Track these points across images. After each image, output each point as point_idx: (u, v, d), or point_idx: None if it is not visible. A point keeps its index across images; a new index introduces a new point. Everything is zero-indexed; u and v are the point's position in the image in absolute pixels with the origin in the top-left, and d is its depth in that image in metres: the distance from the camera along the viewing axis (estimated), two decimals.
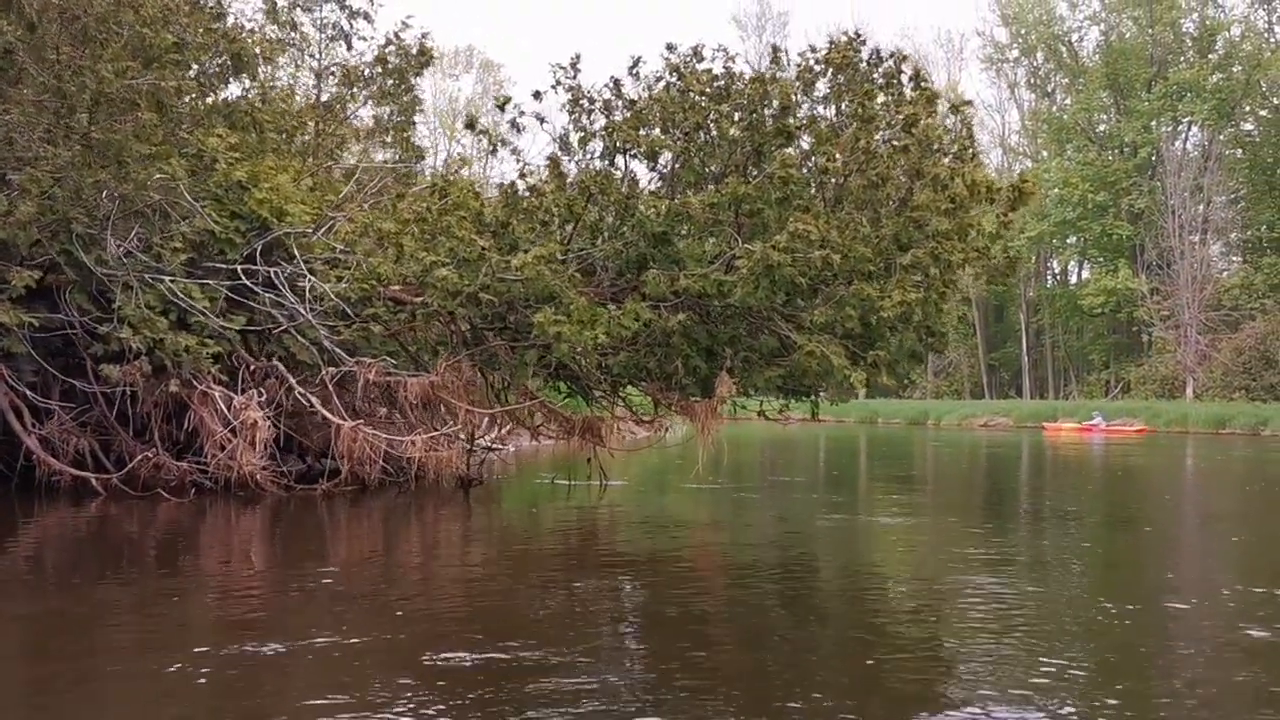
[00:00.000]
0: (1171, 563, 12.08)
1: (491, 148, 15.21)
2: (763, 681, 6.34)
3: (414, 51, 20.69)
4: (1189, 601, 9.06)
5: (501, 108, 15.28)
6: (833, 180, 16.45)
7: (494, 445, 27.17)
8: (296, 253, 15.18)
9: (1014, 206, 16.80)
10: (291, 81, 22.99)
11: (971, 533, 14.28)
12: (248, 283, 14.91)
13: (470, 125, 15.84)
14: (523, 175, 14.87)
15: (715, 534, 13.97)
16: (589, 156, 15.27)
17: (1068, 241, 74.72)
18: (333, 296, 14.81)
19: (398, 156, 20.67)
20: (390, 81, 20.92)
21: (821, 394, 16.81)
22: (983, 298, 78.25)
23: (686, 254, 15.48)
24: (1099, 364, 74.37)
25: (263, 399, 14.34)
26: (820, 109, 17.07)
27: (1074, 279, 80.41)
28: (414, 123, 21.98)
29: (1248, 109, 71.60)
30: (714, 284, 14.75)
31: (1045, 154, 76.97)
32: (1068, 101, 76.14)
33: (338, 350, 15.09)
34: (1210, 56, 70.26)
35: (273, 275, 14.88)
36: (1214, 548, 13.30)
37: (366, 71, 20.87)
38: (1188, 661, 7.04)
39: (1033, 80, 78.61)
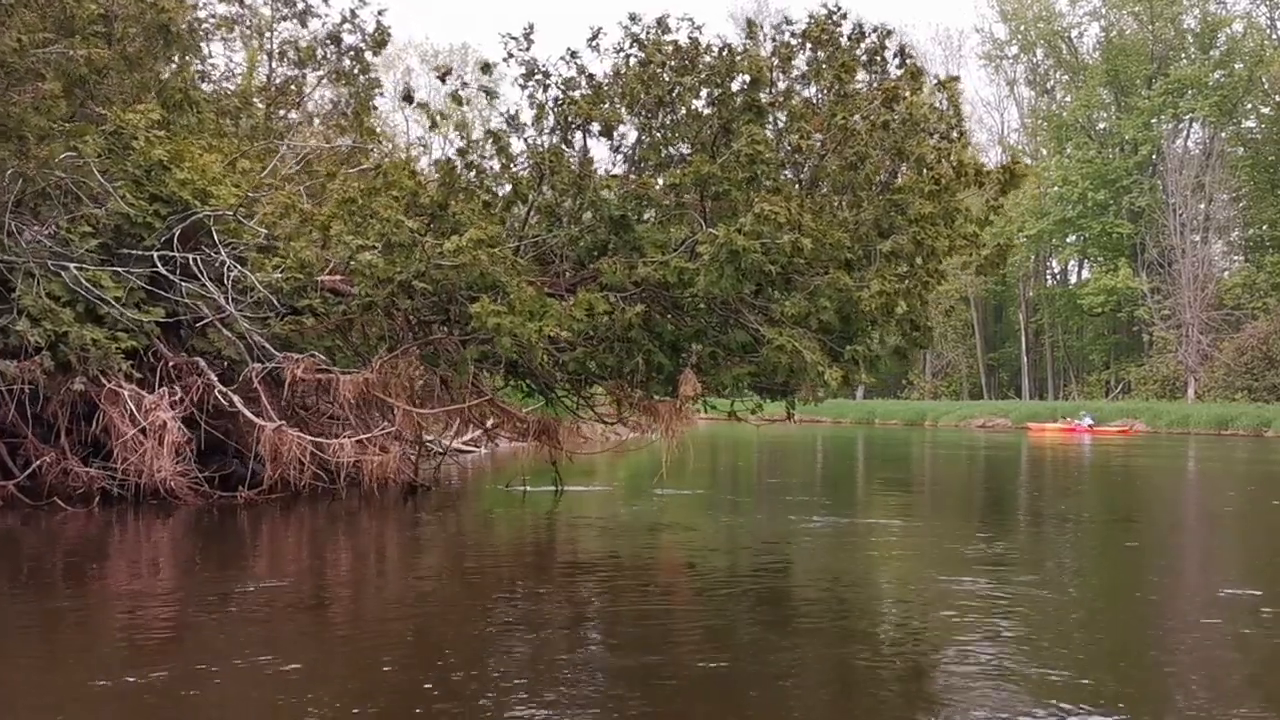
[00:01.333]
0: (1168, 565, 11.52)
1: (431, 123, 13.80)
2: (731, 697, 5.87)
3: (369, 30, 19.26)
4: (1186, 603, 8.86)
5: (442, 80, 13.88)
6: (808, 161, 15.08)
7: (466, 448, 25.83)
8: (217, 239, 13.74)
9: (1005, 190, 15.36)
10: (249, 65, 21.62)
11: (964, 537, 13.25)
12: (163, 271, 13.49)
13: (407, 98, 14.47)
14: (461, 152, 13.45)
15: (674, 543, 12.55)
16: (542, 133, 13.84)
17: (1067, 240, 73.13)
18: (259, 286, 13.39)
19: (354, 141, 19.20)
20: (346, 61, 19.51)
21: (795, 393, 15.33)
22: (981, 297, 76.86)
23: (646, 240, 14.07)
24: (1099, 364, 72.82)
25: (177, 398, 12.93)
26: (799, 89, 15.68)
27: (1074, 278, 78.87)
28: (374, 106, 20.55)
29: (1249, 106, 70.02)
30: (674, 272, 13.34)
31: (1045, 152, 75.39)
32: (1067, 99, 74.57)
33: (266, 345, 13.67)
34: (1212, 53, 68.71)
35: (191, 263, 13.45)
36: (1213, 550, 12.84)
37: (320, 51, 19.45)
38: (1187, 664, 6.81)
39: (1032, 77, 77.04)
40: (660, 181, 14.13)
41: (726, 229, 12.90)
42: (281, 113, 19.62)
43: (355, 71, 19.59)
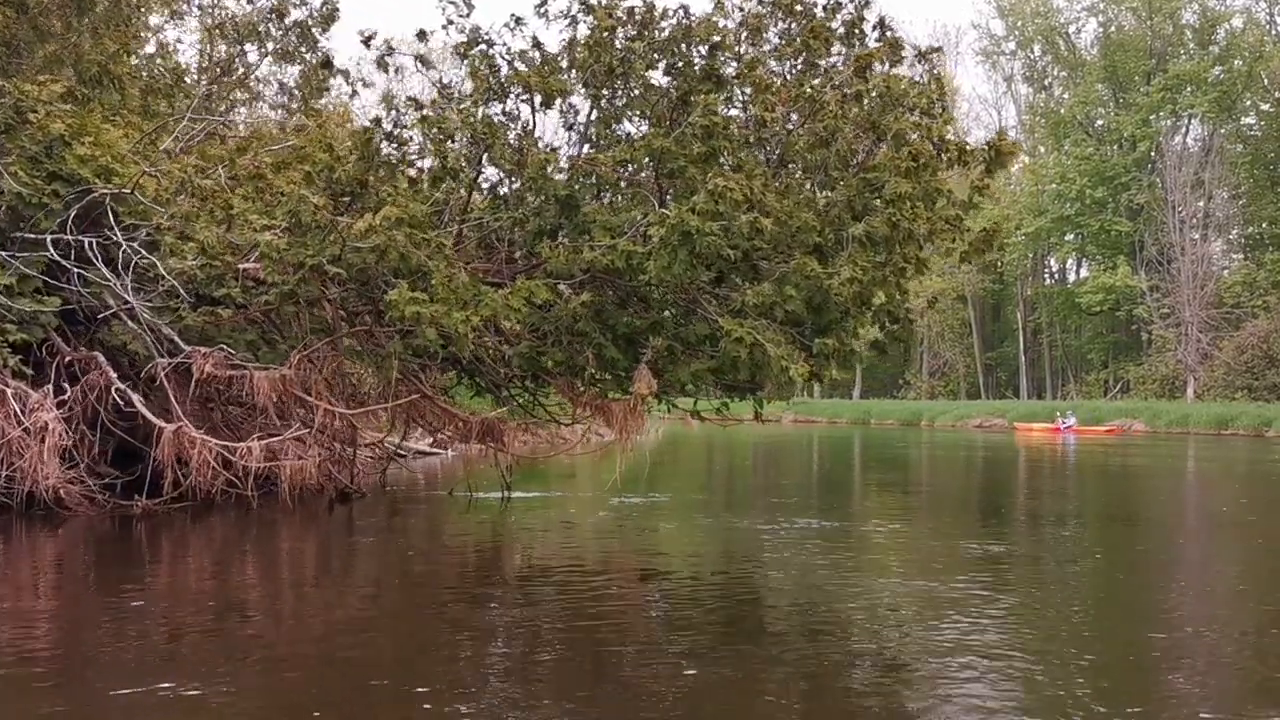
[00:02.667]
0: (1166, 569, 10.98)
1: (352, 91, 12.40)
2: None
3: (317, 4, 17.82)
4: (1186, 607, 8.60)
5: (366, 44, 12.47)
6: (775, 138, 13.67)
7: (431, 450, 24.40)
8: (125, 221, 12.33)
9: (991, 170, 13.93)
10: (205, 47, 20.20)
11: (955, 540, 12.32)
12: (54, 255, 12.07)
13: (326, 65, 13.03)
14: (377, 121, 12.02)
15: (617, 551, 11.13)
16: (478, 104, 12.41)
17: (1066, 238, 71.60)
18: (166, 274, 11.98)
19: (296, 122, 17.76)
20: (293, 38, 18.08)
21: (759, 391, 13.89)
22: (979, 296, 75.40)
23: (596, 221, 12.64)
24: (1098, 363, 71.26)
25: (65, 396, 11.53)
26: (768, 61, 14.26)
27: (1072, 277, 77.37)
28: (327, 87, 19.11)
29: (1249, 102, 68.42)
30: (622, 257, 11.91)
31: (1043, 149, 73.88)
32: (1065, 95, 73.03)
33: (175, 339, 12.26)
34: (1211, 49, 67.14)
35: (87, 247, 12.04)
36: (1211, 553, 12.14)
37: (263, 28, 18.02)
38: (1188, 670, 6.51)
39: (1030, 74, 75.48)
40: (605, 156, 12.67)
41: (678, 208, 11.49)
42: (223, 93, 18.20)
43: (303, 50, 18.18)
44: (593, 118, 13.14)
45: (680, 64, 13.09)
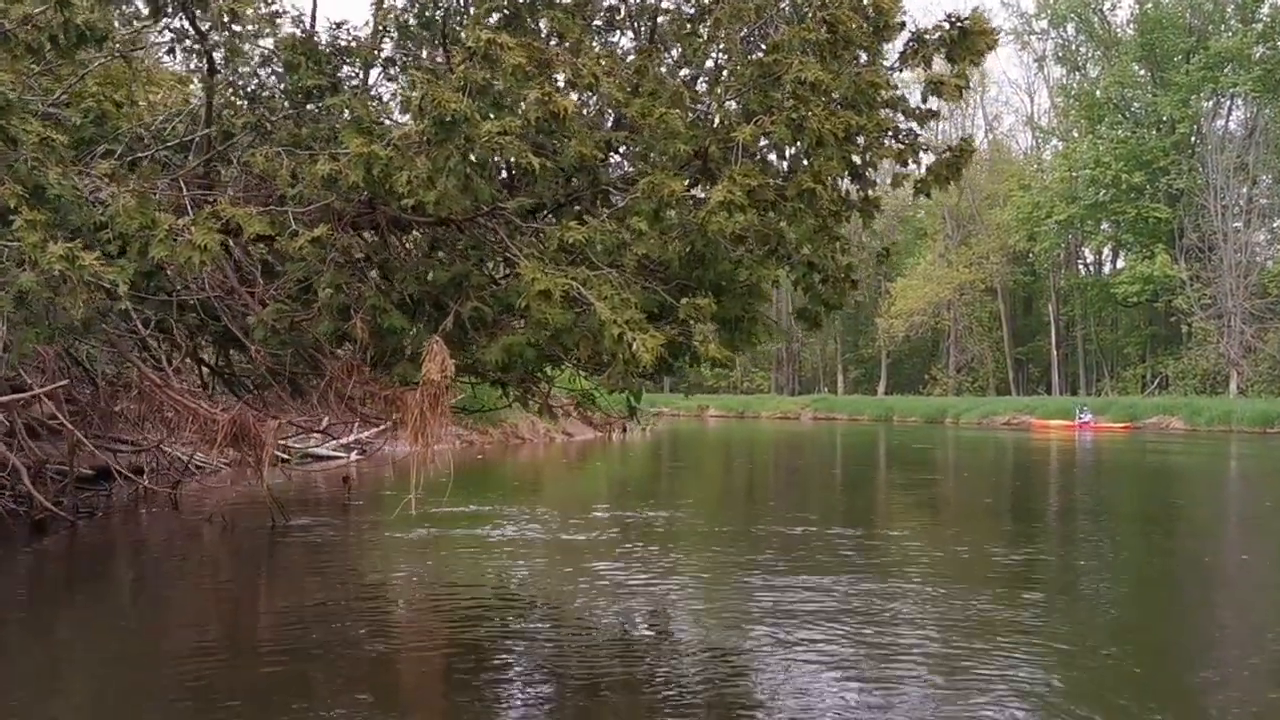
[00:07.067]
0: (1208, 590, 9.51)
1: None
2: None
3: None
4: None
5: None
6: (641, 9, 9.29)
7: (332, 453, 20.22)
8: None
9: (953, 58, 9.47)
10: None
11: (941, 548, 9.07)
12: None
13: None
14: None
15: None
16: None
17: (1100, 227, 66.18)
18: None
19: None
20: None
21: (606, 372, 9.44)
22: (1009, 288, 70.30)
23: (347, 118, 8.31)
24: (1134, 357, 65.74)
25: None
26: None
27: (1107, 268, 71.84)
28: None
29: None
30: (359, 167, 7.52)
31: (1076, 133, 68.44)
32: (1100, 76, 67.49)
33: None
34: (1255, 25, 61.38)
35: None
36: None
37: None
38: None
39: (1062, 54, 69.99)
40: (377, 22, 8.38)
41: (431, 85, 7.12)
42: None
43: None
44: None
45: None
